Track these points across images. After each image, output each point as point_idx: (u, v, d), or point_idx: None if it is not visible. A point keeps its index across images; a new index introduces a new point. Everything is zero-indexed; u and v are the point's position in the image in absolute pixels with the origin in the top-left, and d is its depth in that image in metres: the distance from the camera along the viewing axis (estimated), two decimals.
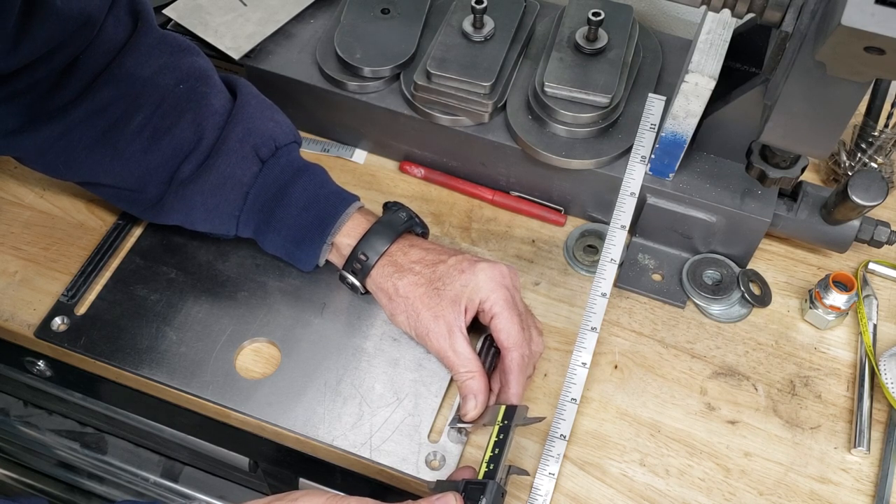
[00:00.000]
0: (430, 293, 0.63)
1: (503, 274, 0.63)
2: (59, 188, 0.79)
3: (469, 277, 0.63)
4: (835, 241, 0.72)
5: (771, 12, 0.55)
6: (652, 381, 0.68)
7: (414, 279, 0.64)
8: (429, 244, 0.67)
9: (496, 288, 0.62)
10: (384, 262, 0.65)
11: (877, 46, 0.45)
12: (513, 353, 0.62)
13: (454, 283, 0.63)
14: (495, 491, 0.54)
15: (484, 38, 0.75)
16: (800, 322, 0.72)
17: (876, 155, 0.78)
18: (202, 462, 0.97)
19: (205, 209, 0.67)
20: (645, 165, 0.69)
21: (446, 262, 0.64)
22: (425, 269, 0.64)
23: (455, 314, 0.62)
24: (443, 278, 0.63)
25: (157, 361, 0.68)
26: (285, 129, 0.69)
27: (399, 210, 0.68)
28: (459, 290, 0.62)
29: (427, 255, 0.65)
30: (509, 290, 0.63)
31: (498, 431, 0.59)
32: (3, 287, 0.72)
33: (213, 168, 0.66)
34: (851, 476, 0.64)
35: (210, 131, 0.66)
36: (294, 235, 0.66)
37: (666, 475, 0.64)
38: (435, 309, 0.63)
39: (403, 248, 0.65)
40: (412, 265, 0.64)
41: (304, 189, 0.67)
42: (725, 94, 0.67)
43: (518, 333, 0.62)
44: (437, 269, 0.64)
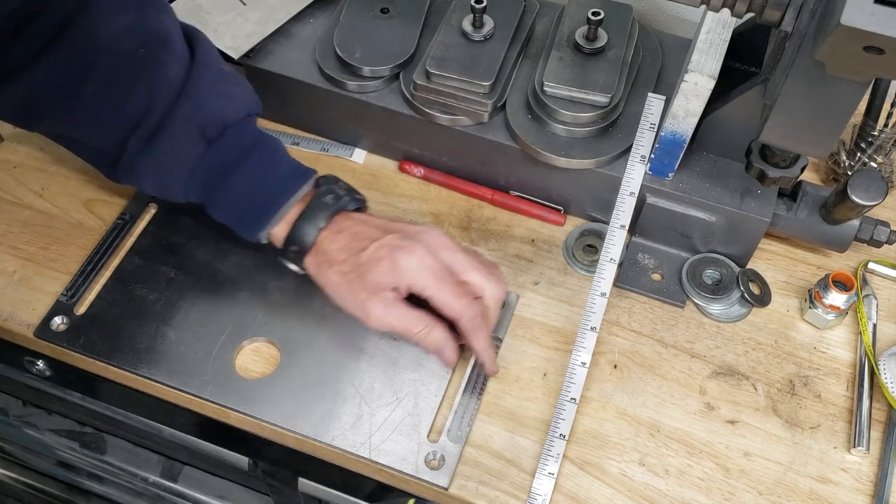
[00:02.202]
0: (356, 281, 0.63)
1: (422, 255, 0.62)
2: (59, 188, 0.79)
3: (389, 266, 0.62)
4: (834, 240, 0.72)
5: (770, 12, 0.55)
6: (651, 380, 0.68)
7: (340, 268, 0.63)
8: (358, 224, 0.65)
9: (419, 273, 0.62)
10: (314, 252, 0.65)
11: (876, 46, 0.45)
12: (461, 322, 0.63)
13: (376, 270, 0.62)
14: None
15: (483, 37, 0.75)
16: (799, 322, 0.72)
17: (875, 154, 0.78)
18: (201, 462, 0.97)
19: (153, 182, 0.67)
20: (644, 165, 0.69)
21: (368, 249, 0.63)
22: (350, 256, 0.63)
23: (385, 294, 0.62)
24: (366, 265, 0.62)
25: (156, 361, 0.68)
26: (237, 103, 0.67)
27: (326, 192, 0.66)
28: (383, 280, 0.62)
29: (352, 242, 0.64)
30: (433, 268, 0.62)
31: None
32: (2, 287, 0.72)
33: (158, 146, 0.65)
34: (851, 476, 0.64)
35: (159, 105, 0.64)
36: (234, 220, 0.66)
37: (665, 475, 0.64)
38: (367, 292, 0.62)
39: (331, 235, 0.64)
40: (338, 252, 0.64)
41: (248, 175, 0.65)
42: (725, 94, 0.67)
43: (457, 302, 0.62)
44: (360, 256, 0.63)
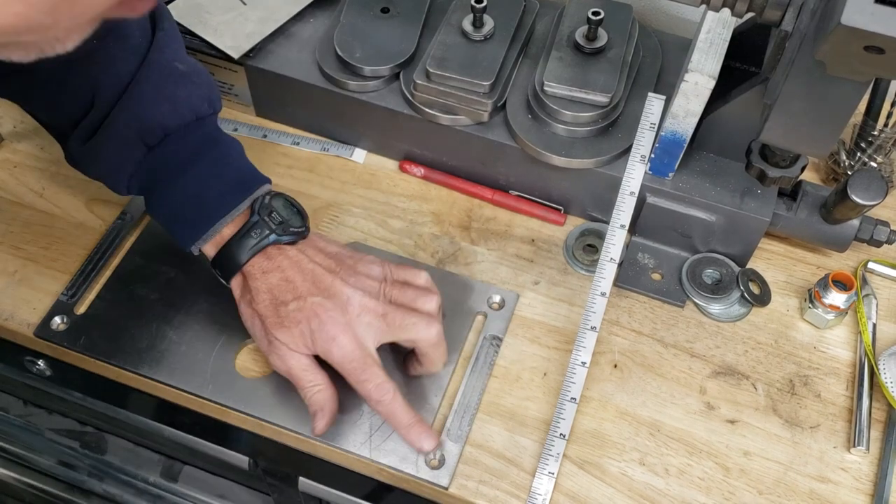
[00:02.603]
0: (274, 321, 0.61)
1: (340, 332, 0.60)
2: (59, 187, 0.79)
3: (305, 333, 0.60)
4: (834, 240, 0.72)
5: (771, 11, 0.55)
6: (651, 380, 0.68)
7: (259, 309, 0.62)
8: (289, 267, 0.62)
9: (334, 352, 0.60)
10: (241, 277, 0.63)
11: (876, 46, 0.45)
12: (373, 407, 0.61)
13: (292, 331, 0.60)
14: None
15: (484, 37, 0.75)
16: (799, 321, 0.72)
17: (875, 154, 0.78)
18: (202, 461, 0.97)
19: (97, 175, 0.67)
20: (644, 165, 0.69)
21: (289, 306, 0.60)
22: (272, 302, 0.61)
23: (294, 348, 0.61)
24: (285, 319, 0.61)
25: (156, 361, 0.68)
26: (182, 108, 0.64)
27: (255, 226, 0.62)
28: (294, 342, 0.60)
29: (278, 288, 0.61)
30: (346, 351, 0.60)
31: None
32: (3, 286, 0.72)
33: (98, 145, 0.64)
34: (851, 475, 0.64)
35: (101, 103, 0.63)
36: (169, 227, 0.65)
37: (665, 474, 0.64)
38: (277, 332, 0.61)
39: (259, 270, 0.62)
40: (263, 294, 0.61)
41: (185, 185, 0.63)
42: (725, 94, 0.67)
43: (364, 388, 0.60)
44: (279, 309, 0.61)
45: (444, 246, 0.76)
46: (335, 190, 0.79)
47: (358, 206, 0.78)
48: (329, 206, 0.78)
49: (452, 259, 0.75)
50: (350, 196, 0.79)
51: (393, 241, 0.76)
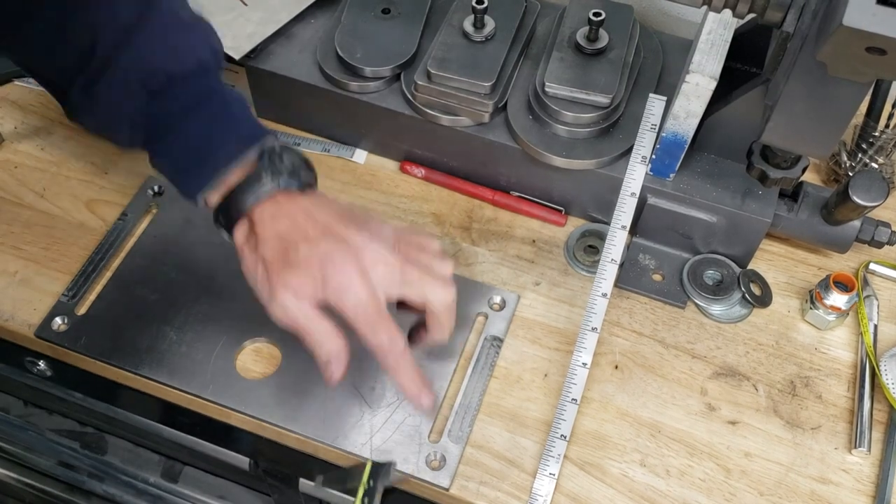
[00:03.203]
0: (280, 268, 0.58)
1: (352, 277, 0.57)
2: (60, 188, 0.79)
3: (317, 274, 0.57)
4: (835, 241, 0.72)
5: (772, 12, 0.55)
6: (652, 381, 0.68)
7: (265, 255, 0.58)
8: (299, 213, 0.60)
9: (346, 298, 0.57)
10: (246, 226, 0.60)
11: (878, 47, 0.45)
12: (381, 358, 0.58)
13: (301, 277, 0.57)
14: None
15: (485, 38, 0.75)
16: (800, 322, 0.72)
17: (877, 155, 0.78)
18: (202, 462, 0.97)
19: (98, 126, 0.65)
20: (645, 166, 0.69)
21: (299, 250, 0.57)
22: (280, 247, 0.58)
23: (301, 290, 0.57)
24: (293, 265, 0.57)
25: (157, 361, 0.68)
26: (186, 56, 0.62)
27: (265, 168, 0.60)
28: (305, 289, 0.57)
29: (289, 233, 0.58)
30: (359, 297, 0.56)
31: (363, 495, 0.53)
32: (4, 287, 0.72)
33: (100, 93, 0.61)
34: (852, 476, 0.64)
35: (101, 48, 0.60)
36: (173, 178, 0.62)
37: (666, 475, 0.64)
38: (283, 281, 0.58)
39: (267, 216, 0.59)
40: (271, 240, 0.58)
41: (190, 133, 0.61)
42: (726, 95, 0.67)
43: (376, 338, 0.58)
44: (288, 253, 0.58)
45: (445, 247, 0.76)
46: (336, 190, 0.79)
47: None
48: None
49: (453, 260, 0.75)
50: (351, 196, 0.79)
51: None
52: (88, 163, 0.81)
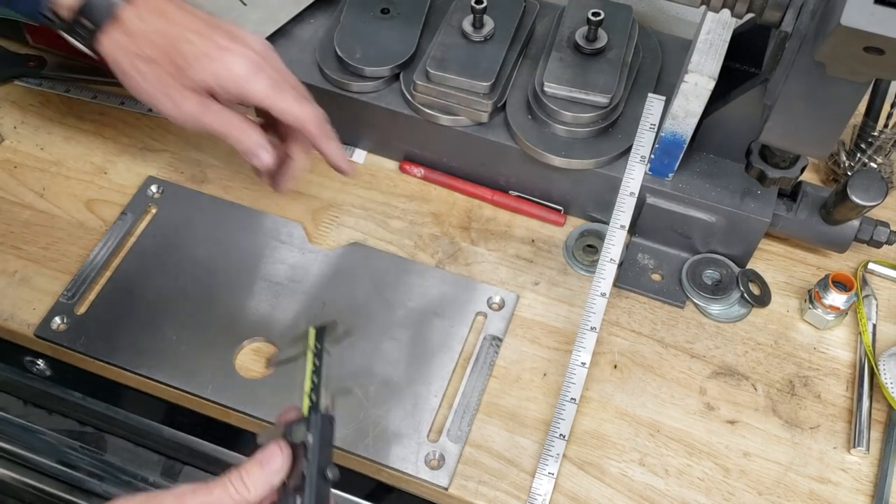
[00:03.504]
0: (174, 73, 0.56)
1: (255, 62, 0.57)
2: (59, 188, 0.79)
3: (219, 67, 0.56)
4: (834, 241, 0.72)
5: (770, 12, 0.55)
6: (651, 380, 0.68)
7: (154, 55, 0.56)
8: (176, 8, 0.57)
9: (254, 79, 0.57)
10: (113, 30, 0.56)
11: (876, 46, 0.46)
12: (308, 126, 0.59)
13: (202, 69, 0.55)
14: (321, 422, 0.49)
15: (483, 37, 0.75)
16: (799, 322, 0.72)
17: (875, 155, 0.78)
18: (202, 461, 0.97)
19: None
20: (644, 165, 0.70)
21: (192, 44, 0.56)
22: (168, 45, 0.55)
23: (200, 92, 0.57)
24: (188, 59, 0.56)
25: (156, 361, 0.68)
26: None
27: None
28: (209, 78, 0.56)
29: (170, 28, 0.56)
30: (268, 74, 0.57)
31: (313, 358, 0.53)
32: (3, 286, 0.72)
33: None
34: (851, 476, 0.64)
35: None
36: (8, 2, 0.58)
37: (665, 475, 0.64)
38: (182, 85, 0.56)
39: (140, 13, 0.55)
40: (151, 36, 0.55)
41: None
42: (725, 95, 0.67)
43: (301, 107, 0.58)
44: (180, 48, 0.55)
45: (444, 246, 0.76)
46: (335, 190, 0.79)
47: (358, 207, 0.78)
48: (329, 206, 0.78)
49: (452, 259, 0.75)
50: (350, 196, 0.79)
51: (393, 242, 0.76)
52: (88, 163, 0.81)
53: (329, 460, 0.49)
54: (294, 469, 0.49)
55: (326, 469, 0.48)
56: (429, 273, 0.73)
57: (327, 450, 0.49)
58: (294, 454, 0.49)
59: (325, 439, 0.49)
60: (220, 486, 0.47)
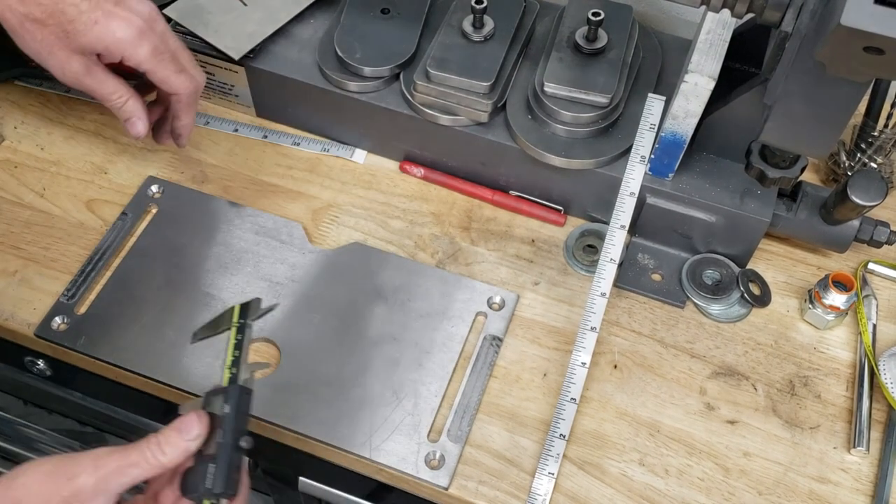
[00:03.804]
0: (61, 36, 0.59)
1: (141, 28, 0.60)
2: (60, 188, 0.79)
3: (103, 31, 0.59)
4: (834, 241, 0.72)
5: (770, 12, 0.55)
6: (651, 380, 0.69)
7: (42, 17, 0.58)
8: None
9: (137, 44, 0.60)
10: None
11: (876, 46, 0.46)
12: (180, 96, 0.62)
13: (88, 34, 0.59)
14: (239, 393, 0.52)
15: (484, 37, 0.75)
16: (799, 322, 0.72)
17: (875, 155, 0.78)
18: None
19: None
20: (644, 165, 0.70)
21: (78, 7, 0.58)
22: (55, 7, 0.58)
23: (90, 54, 0.60)
24: (74, 22, 0.58)
25: (156, 361, 0.68)
26: None
27: None
28: (94, 43, 0.59)
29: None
30: (152, 42, 0.61)
31: (236, 332, 0.56)
32: (3, 286, 0.72)
33: None
34: (851, 476, 0.64)
35: None
36: None
37: (665, 475, 0.64)
38: (68, 49, 0.59)
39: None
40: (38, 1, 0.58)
41: None
42: (725, 95, 0.67)
43: (177, 78, 0.62)
44: (67, 11, 0.58)
45: (444, 246, 0.76)
46: (335, 190, 0.79)
47: (358, 207, 0.78)
48: (329, 206, 0.78)
49: (452, 259, 0.75)
50: (350, 196, 0.79)
51: (393, 242, 0.76)
52: (88, 163, 0.81)
53: (244, 431, 0.51)
54: (210, 438, 0.51)
55: (241, 439, 0.51)
56: (429, 273, 0.73)
57: (243, 420, 0.52)
58: (212, 424, 0.51)
59: (241, 410, 0.52)
60: (137, 450, 0.50)
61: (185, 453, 0.50)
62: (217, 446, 0.51)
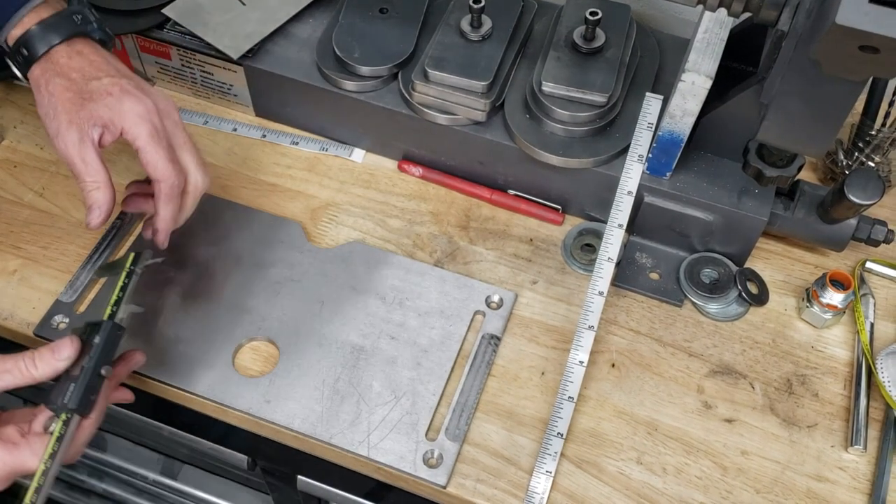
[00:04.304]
0: (74, 101, 0.63)
1: (149, 109, 0.63)
2: (59, 187, 0.79)
3: (114, 103, 0.62)
4: (832, 239, 0.72)
5: (767, 11, 0.55)
6: (649, 379, 0.69)
7: (66, 84, 0.63)
8: (99, 57, 0.65)
9: (139, 122, 0.62)
10: (46, 59, 0.64)
11: (871, 45, 0.46)
12: (161, 185, 0.63)
13: (99, 102, 0.62)
14: (110, 329, 0.59)
15: (482, 37, 0.75)
16: (797, 321, 0.72)
17: (873, 154, 0.78)
18: (201, 460, 0.97)
19: None
20: (642, 164, 0.70)
21: (101, 81, 0.63)
22: (81, 79, 0.63)
23: (90, 126, 0.62)
24: (92, 94, 0.63)
25: (156, 360, 0.68)
26: None
27: (77, 12, 0.66)
28: (102, 110, 0.62)
29: (88, 68, 0.64)
30: (154, 125, 0.63)
31: (125, 276, 0.62)
32: (3, 286, 0.72)
33: None
34: (848, 474, 0.64)
35: None
36: None
37: (663, 473, 0.64)
38: (72, 115, 0.62)
39: (70, 53, 0.64)
40: (71, 71, 0.64)
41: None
42: (722, 94, 0.67)
43: (165, 166, 0.63)
44: (90, 84, 0.63)
45: (443, 245, 0.76)
46: (334, 189, 0.80)
47: (356, 206, 0.78)
48: (328, 205, 0.78)
49: (451, 258, 0.75)
50: (349, 195, 0.79)
51: (391, 241, 0.76)
52: None
53: (108, 362, 0.58)
54: (78, 362, 0.57)
55: (103, 368, 0.57)
56: (427, 272, 0.73)
57: (110, 353, 0.59)
58: (83, 351, 0.58)
59: (109, 343, 0.58)
60: (12, 360, 0.56)
61: (54, 371, 0.56)
62: (81, 369, 0.57)
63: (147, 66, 0.84)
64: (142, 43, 0.81)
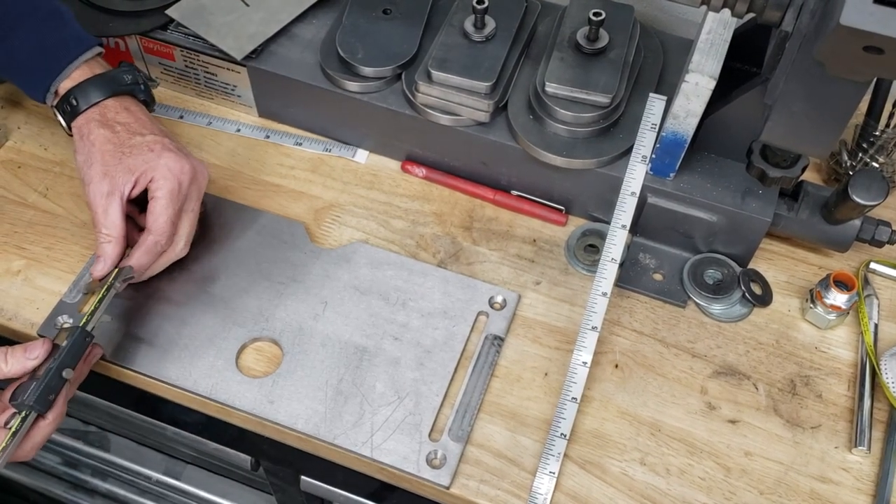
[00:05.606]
0: (114, 153, 0.65)
1: (184, 170, 0.66)
2: (62, 188, 0.79)
3: (153, 157, 0.65)
4: (836, 240, 0.72)
5: (771, 12, 0.55)
6: (652, 380, 0.69)
7: (109, 135, 0.66)
8: (144, 116, 0.69)
9: (170, 177, 0.65)
10: (94, 111, 0.67)
11: (876, 46, 0.46)
12: (149, 236, 0.65)
13: (139, 156, 0.65)
14: (77, 334, 0.61)
15: (485, 38, 0.75)
16: (801, 321, 0.72)
17: (877, 154, 0.78)
18: (204, 460, 0.97)
19: None
20: (646, 165, 0.70)
21: (144, 137, 0.67)
22: (125, 133, 0.66)
23: (124, 181, 0.65)
24: (133, 148, 0.66)
25: (159, 360, 0.68)
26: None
27: (128, 72, 0.70)
28: (139, 164, 0.65)
29: (134, 124, 0.67)
30: (181, 184, 0.66)
31: (105, 290, 0.65)
32: (7, 286, 0.72)
33: None
34: (852, 475, 0.64)
35: None
36: (19, 79, 0.69)
37: (666, 474, 0.64)
38: (108, 168, 0.65)
39: (117, 108, 0.68)
40: (116, 125, 0.67)
41: (28, 36, 0.67)
42: (726, 94, 0.67)
43: (165, 224, 0.65)
44: (133, 138, 0.66)
45: (446, 246, 0.76)
46: (337, 190, 0.80)
47: (360, 207, 0.79)
48: (331, 206, 0.78)
49: (454, 259, 0.75)
50: (352, 196, 0.79)
51: (395, 241, 0.76)
52: None
53: (72, 365, 0.61)
54: (45, 363, 0.60)
55: (65, 370, 0.60)
56: (430, 273, 0.73)
57: (75, 356, 0.61)
58: (53, 353, 0.61)
59: (76, 348, 0.61)
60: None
61: (23, 369, 0.60)
62: (45, 370, 0.60)
63: (151, 68, 0.85)
64: (145, 44, 0.82)
